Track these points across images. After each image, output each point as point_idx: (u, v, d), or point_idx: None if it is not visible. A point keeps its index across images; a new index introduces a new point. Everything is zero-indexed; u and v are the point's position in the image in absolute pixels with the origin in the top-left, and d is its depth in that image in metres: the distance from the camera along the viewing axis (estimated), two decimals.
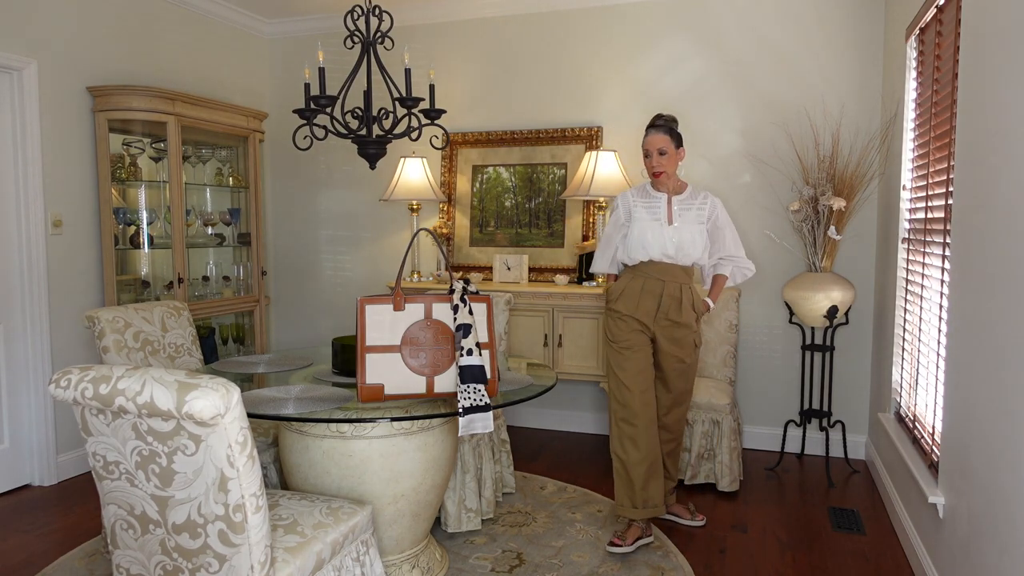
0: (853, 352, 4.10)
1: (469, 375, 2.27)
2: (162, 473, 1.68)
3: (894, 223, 3.48)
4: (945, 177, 2.63)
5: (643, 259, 2.95)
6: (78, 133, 3.87)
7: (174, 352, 3.13)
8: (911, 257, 3.18)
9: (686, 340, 3.00)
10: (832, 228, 3.65)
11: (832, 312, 3.63)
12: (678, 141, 2.94)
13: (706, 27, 4.24)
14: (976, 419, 2.11)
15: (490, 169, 4.77)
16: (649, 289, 2.94)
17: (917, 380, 3.01)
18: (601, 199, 4.25)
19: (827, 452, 3.85)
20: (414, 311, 2.40)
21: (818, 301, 3.63)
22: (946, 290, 2.50)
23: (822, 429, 3.96)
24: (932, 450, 2.69)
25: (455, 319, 2.34)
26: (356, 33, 3.13)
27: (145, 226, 4.15)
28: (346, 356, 2.76)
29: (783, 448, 4.01)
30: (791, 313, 3.85)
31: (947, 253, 2.52)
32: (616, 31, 4.40)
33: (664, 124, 2.94)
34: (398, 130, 3.25)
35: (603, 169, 4.12)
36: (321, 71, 3.02)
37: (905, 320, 3.28)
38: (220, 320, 4.77)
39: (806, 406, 4.06)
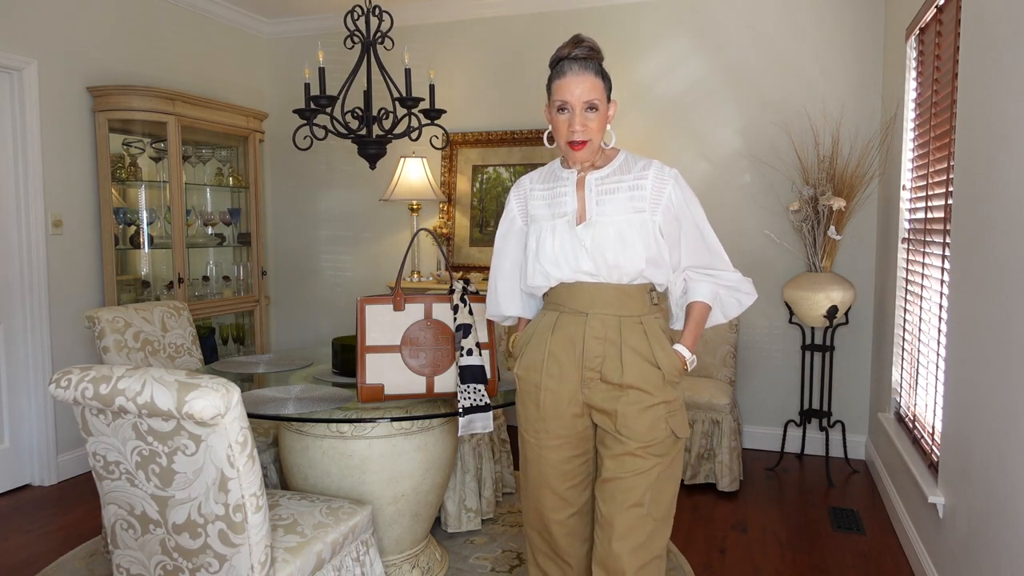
0: (853, 352, 4.10)
1: (469, 375, 2.27)
2: (162, 473, 1.68)
3: (894, 223, 3.48)
4: (945, 177, 2.63)
5: (547, 284, 1.86)
6: (78, 133, 3.87)
7: (174, 352, 3.13)
8: (911, 257, 3.18)
9: (643, 420, 1.76)
10: (832, 228, 3.65)
11: (832, 312, 3.63)
12: (609, 88, 1.83)
13: (706, 27, 4.24)
14: (976, 419, 2.11)
15: (490, 169, 4.77)
16: (563, 329, 1.82)
17: (917, 380, 3.01)
18: None
19: (827, 452, 3.85)
20: (414, 311, 2.40)
21: (818, 301, 3.63)
22: (946, 290, 2.51)
23: (822, 429, 3.96)
24: (932, 450, 2.70)
25: (455, 319, 2.34)
26: (356, 33, 3.13)
27: (145, 226, 4.15)
28: (346, 356, 2.76)
29: (783, 448, 4.02)
30: (791, 313, 3.85)
31: (947, 253, 2.52)
32: (616, 31, 4.40)
33: (591, 56, 1.78)
34: (398, 130, 3.25)
35: None
36: (321, 71, 3.03)
37: (905, 320, 3.28)
38: (220, 320, 4.77)
39: (806, 406, 4.06)
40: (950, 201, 2.53)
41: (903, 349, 3.30)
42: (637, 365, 1.78)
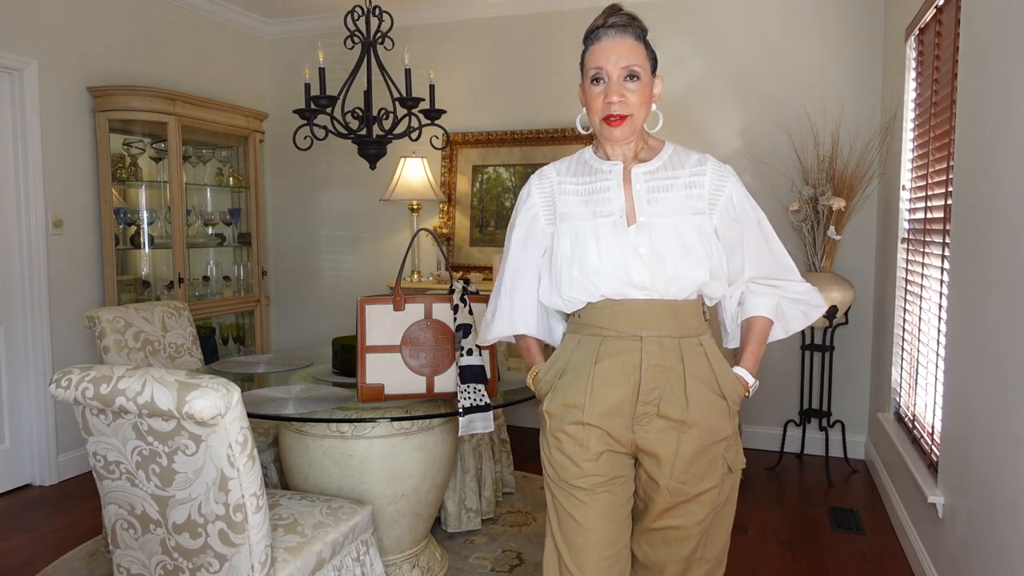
0: (853, 352, 4.10)
1: (469, 375, 2.27)
2: (162, 473, 1.68)
3: (893, 223, 3.49)
4: (944, 177, 2.63)
5: (589, 299, 1.57)
6: (78, 133, 3.87)
7: (174, 352, 3.13)
8: (910, 257, 3.18)
9: (702, 462, 1.55)
10: (832, 228, 3.65)
11: (832, 312, 3.63)
12: (654, 62, 1.59)
13: (706, 27, 4.24)
14: (975, 418, 2.11)
15: (490, 169, 4.77)
16: (612, 357, 1.54)
17: (916, 380, 3.01)
18: None
19: (827, 452, 3.85)
20: (414, 311, 2.41)
21: None
22: (945, 290, 2.51)
23: (822, 429, 3.96)
24: (931, 450, 2.70)
25: (455, 319, 2.34)
26: (356, 33, 3.13)
27: (145, 226, 4.16)
28: (346, 356, 2.77)
29: (783, 448, 4.02)
30: None
31: (946, 253, 2.52)
32: None
33: (631, 23, 1.55)
34: (398, 130, 3.26)
35: None
36: (321, 71, 3.03)
37: (904, 320, 3.28)
38: (220, 320, 4.77)
39: (806, 406, 4.06)
40: (950, 201, 2.53)
41: (903, 349, 3.31)
42: (703, 396, 1.53)
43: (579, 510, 1.56)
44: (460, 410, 2.22)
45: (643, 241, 1.53)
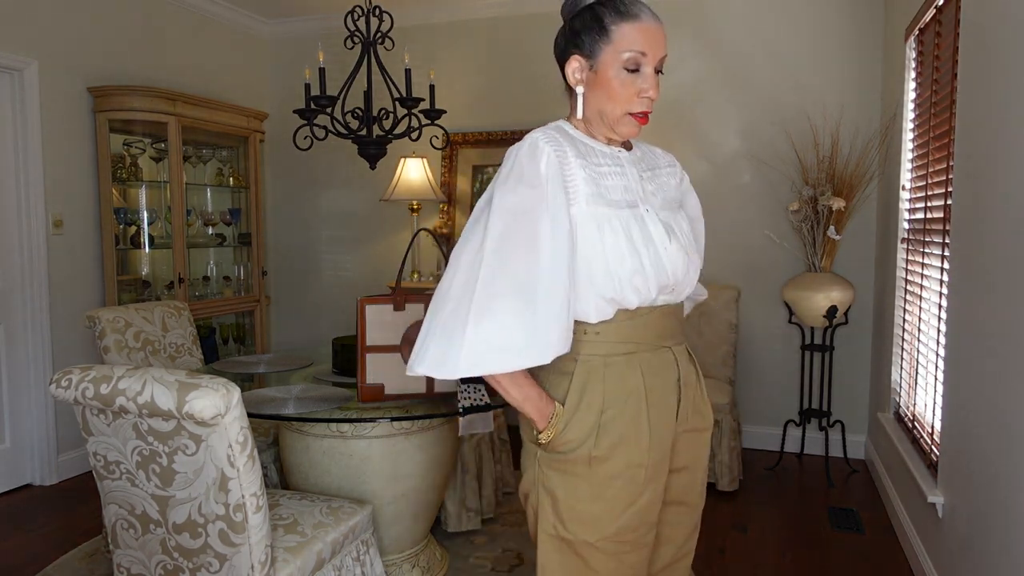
0: (852, 352, 4.10)
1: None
2: (163, 473, 1.68)
3: (893, 223, 3.49)
4: (944, 177, 2.64)
5: (628, 306, 1.32)
6: (79, 133, 3.87)
7: (175, 352, 3.13)
8: (910, 257, 3.19)
9: (704, 455, 1.52)
10: (832, 228, 3.65)
11: (831, 312, 3.63)
12: None
13: (706, 28, 4.24)
14: (975, 418, 2.11)
15: (490, 169, 4.77)
16: (655, 376, 1.36)
17: (916, 380, 3.01)
18: None
19: (827, 452, 3.85)
20: (414, 311, 2.41)
21: (817, 301, 3.63)
22: (945, 290, 2.51)
23: (821, 429, 3.96)
24: (931, 450, 2.70)
25: None
26: (356, 33, 3.13)
27: (146, 226, 4.16)
28: (346, 356, 2.77)
29: (783, 448, 4.02)
30: (791, 313, 3.86)
31: (946, 253, 2.53)
32: None
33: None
34: (398, 130, 3.26)
35: None
36: (321, 71, 3.03)
37: (904, 320, 3.28)
38: (220, 320, 4.77)
39: (805, 406, 4.06)
40: (949, 201, 2.53)
41: (902, 349, 3.31)
42: (708, 401, 1.50)
43: (613, 562, 1.32)
44: (460, 410, 2.22)
45: (670, 235, 1.35)
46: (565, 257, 1.25)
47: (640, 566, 1.37)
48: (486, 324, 1.21)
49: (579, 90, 1.37)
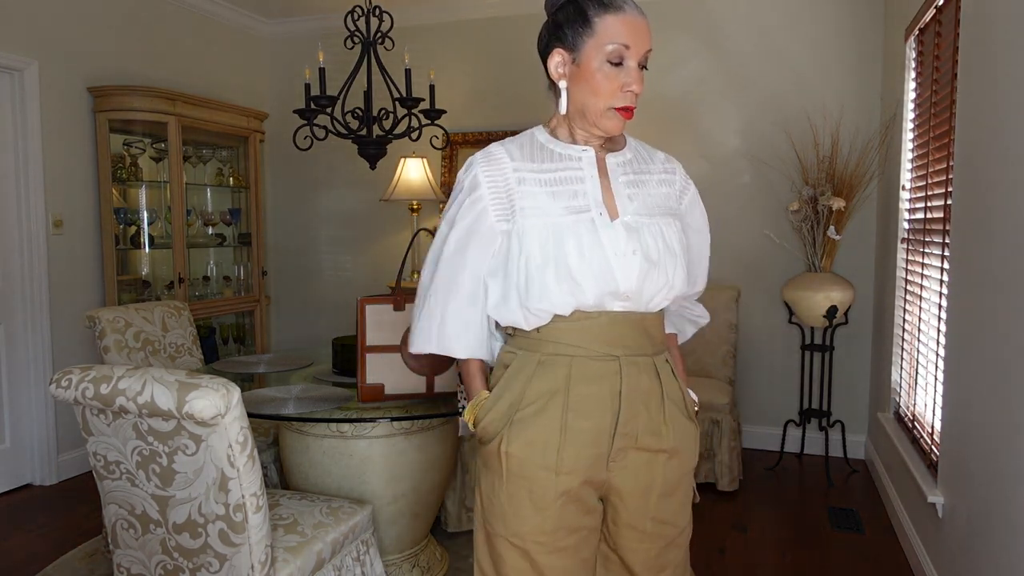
0: (852, 352, 4.10)
1: None
2: (163, 473, 1.69)
3: (893, 223, 3.49)
4: (944, 177, 2.64)
5: (563, 311, 1.32)
6: (79, 133, 3.87)
7: (175, 352, 3.13)
8: (910, 257, 3.19)
9: (679, 496, 1.43)
10: (832, 228, 3.65)
11: (831, 312, 3.63)
12: None
13: (706, 27, 4.24)
14: (975, 418, 2.11)
15: None
16: (585, 385, 1.33)
17: (916, 380, 3.01)
18: None
19: (826, 452, 3.85)
20: None
21: (817, 301, 3.63)
22: (945, 290, 2.51)
23: (821, 429, 3.96)
24: (931, 450, 2.70)
25: None
26: (356, 33, 3.14)
27: (146, 226, 4.16)
28: (346, 356, 2.77)
29: (783, 448, 4.02)
30: (791, 313, 3.86)
31: (946, 253, 2.53)
32: None
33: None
34: (398, 130, 3.26)
35: None
36: (321, 71, 3.03)
37: (904, 320, 3.28)
38: (220, 320, 4.77)
39: (805, 406, 4.06)
40: (949, 201, 2.53)
41: (902, 349, 3.31)
42: (678, 421, 1.38)
43: (541, 571, 1.33)
44: (460, 410, 2.22)
45: (634, 243, 1.32)
46: (469, 265, 1.37)
47: (561, 571, 1.34)
48: (422, 313, 1.44)
49: (562, 84, 1.36)
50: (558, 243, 1.30)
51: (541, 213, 1.32)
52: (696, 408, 1.47)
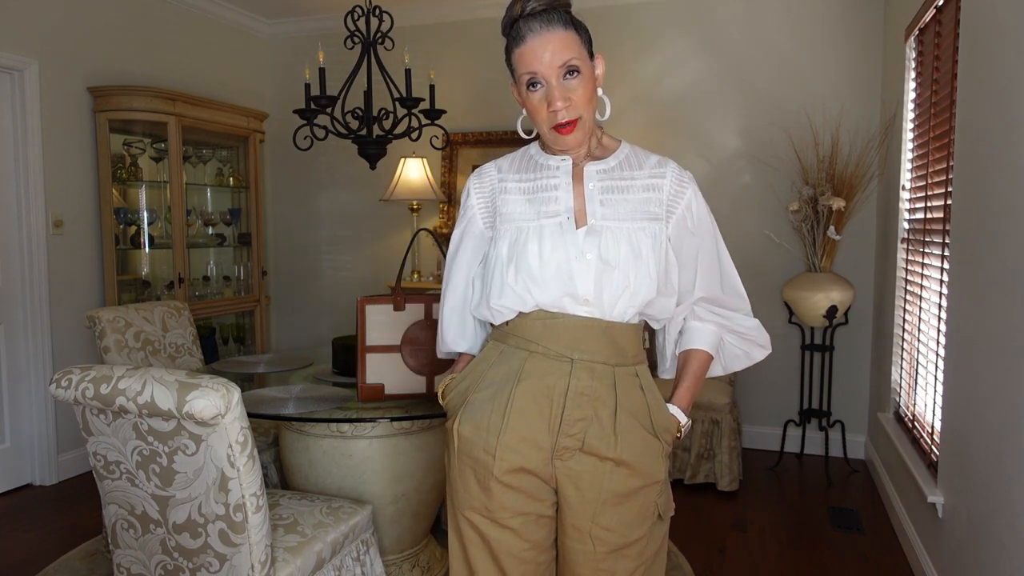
0: (852, 352, 4.10)
1: None
2: (163, 473, 1.69)
3: (893, 223, 3.49)
4: (944, 177, 2.64)
5: (522, 309, 1.41)
6: (79, 133, 3.87)
7: (175, 352, 3.13)
8: (910, 257, 3.19)
9: (631, 508, 1.39)
10: (831, 228, 3.65)
11: (831, 312, 3.63)
12: (589, 41, 1.42)
13: (706, 28, 4.24)
14: (975, 418, 2.11)
15: None
16: (535, 379, 1.38)
17: (916, 380, 3.01)
18: None
19: (826, 452, 3.85)
20: (414, 311, 2.41)
21: (817, 301, 3.64)
22: (945, 290, 2.51)
23: (821, 429, 3.96)
24: (931, 449, 2.70)
25: None
26: (356, 33, 3.13)
27: (146, 226, 4.16)
28: (346, 356, 2.77)
29: (782, 448, 4.02)
30: (791, 313, 3.86)
31: (946, 253, 2.53)
32: (616, 32, 4.41)
33: (553, 5, 1.37)
34: (398, 130, 3.26)
35: None
36: (321, 71, 3.03)
37: (904, 320, 3.28)
38: (220, 320, 4.77)
39: (805, 406, 4.06)
40: (949, 201, 2.53)
41: (902, 349, 3.31)
42: (634, 433, 1.37)
43: (474, 540, 1.42)
44: None
45: (591, 246, 1.35)
46: (463, 267, 1.53)
47: (510, 547, 1.40)
48: (439, 320, 1.60)
49: (522, 115, 1.47)
50: (524, 244, 1.39)
51: (516, 217, 1.43)
52: (679, 433, 1.45)
